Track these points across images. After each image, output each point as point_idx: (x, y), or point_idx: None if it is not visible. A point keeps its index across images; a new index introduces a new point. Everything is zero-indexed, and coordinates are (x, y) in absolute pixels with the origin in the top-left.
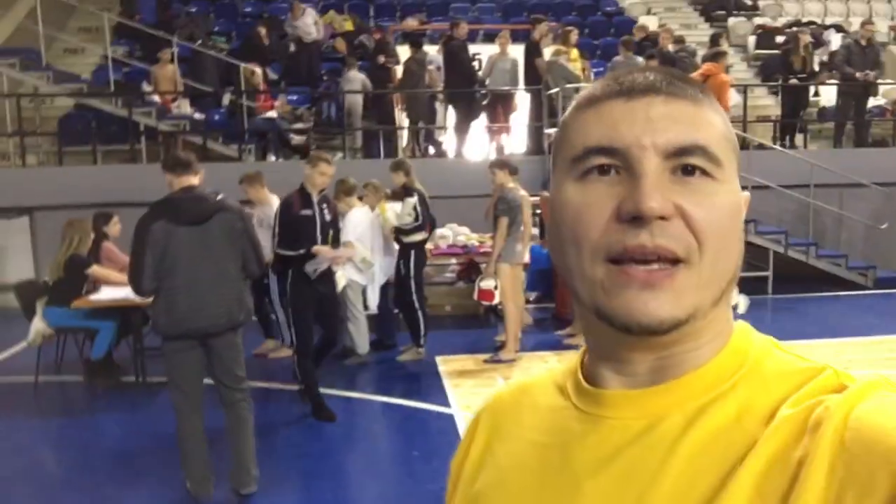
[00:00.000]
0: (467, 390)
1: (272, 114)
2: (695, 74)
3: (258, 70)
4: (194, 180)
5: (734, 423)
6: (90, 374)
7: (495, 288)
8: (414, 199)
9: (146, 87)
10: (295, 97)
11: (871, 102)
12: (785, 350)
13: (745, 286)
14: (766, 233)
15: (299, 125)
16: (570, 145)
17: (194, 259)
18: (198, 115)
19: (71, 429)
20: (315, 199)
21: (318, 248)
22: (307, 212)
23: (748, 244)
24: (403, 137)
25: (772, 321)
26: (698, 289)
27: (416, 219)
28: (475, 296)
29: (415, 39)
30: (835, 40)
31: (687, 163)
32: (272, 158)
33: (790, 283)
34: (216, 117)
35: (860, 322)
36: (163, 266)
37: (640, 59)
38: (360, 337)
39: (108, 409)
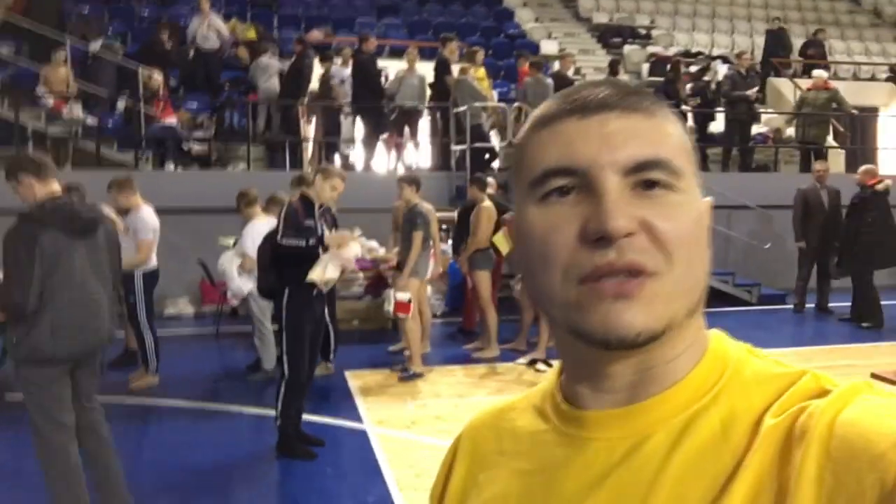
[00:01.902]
0: (379, 405)
1: (171, 121)
2: None
3: (158, 76)
4: (58, 186)
5: (720, 438)
6: None
7: (409, 301)
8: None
9: (40, 89)
10: (195, 105)
11: (755, 130)
12: (761, 356)
13: None
14: None
15: (199, 133)
16: (527, 168)
17: (85, 273)
18: (91, 120)
19: None
20: (317, 210)
21: (337, 236)
22: (309, 222)
23: None
24: (308, 150)
25: None
26: (671, 299)
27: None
28: (391, 309)
29: (323, 52)
30: (721, 70)
31: (647, 177)
32: (171, 167)
33: None
34: (110, 123)
35: (747, 336)
36: (52, 281)
37: (549, 81)
38: (267, 352)
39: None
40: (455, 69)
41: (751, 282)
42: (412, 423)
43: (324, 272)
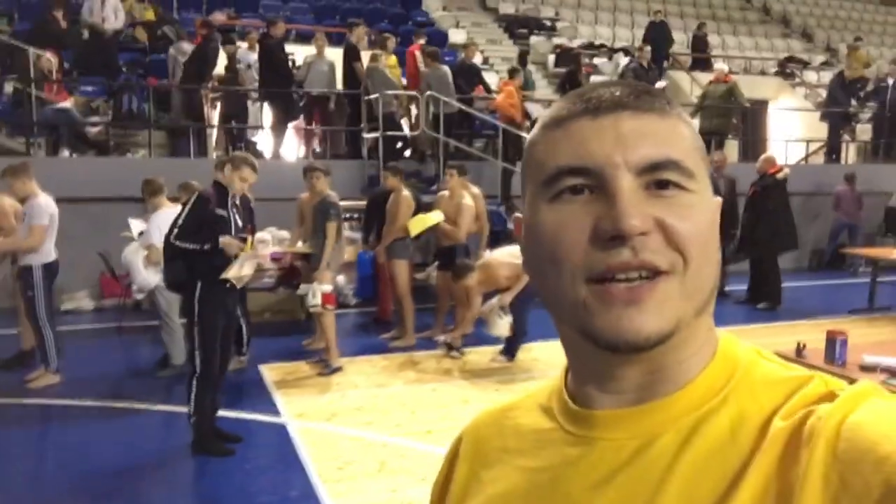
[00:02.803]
0: (297, 398)
1: (65, 104)
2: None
3: (52, 56)
4: None
5: (729, 439)
6: None
7: (332, 292)
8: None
9: None
10: (90, 88)
11: None
12: (770, 359)
13: None
14: None
15: (96, 118)
16: (539, 167)
17: None
18: None
19: None
20: (230, 200)
21: (227, 239)
22: (222, 212)
23: None
24: (213, 136)
25: None
26: (681, 299)
27: None
28: (317, 302)
29: (227, 35)
30: (623, 62)
31: (661, 178)
32: (65, 153)
33: None
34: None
35: None
36: None
37: (445, 68)
38: (176, 347)
39: None
40: (364, 56)
41: None
42: (332, 414)
43: (240, 270)
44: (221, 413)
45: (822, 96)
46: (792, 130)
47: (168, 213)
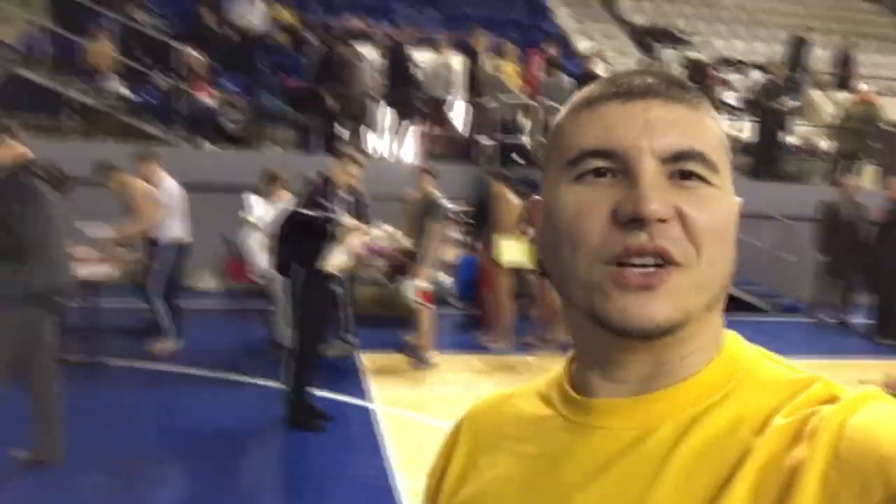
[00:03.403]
0: (388, 386)
1: (209, 100)
2: None
3: (199, 55)
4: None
5: (728, 433)
6: None
7: (430, 289)
8: (350, 199)
9: (90, 61)
10: (232, 86)
11: (789, 140)
12: (775, 360)
13: None
14: None
15: (235, 114)
16: (565, 147)
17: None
18: (131, 95)
19: None
20: (333, 191)
21: (352, 222)
22: (324, 201)
23: None
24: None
25: None
26: (693, 291)
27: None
28: (412, 297)
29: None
30: (757, 78)
31: (684, 168)
32: (206, 145)
33: None
34: (150, 98)
35: (764, 345)
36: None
37: (565, 77)
38: (286, 329)
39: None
40: (486, 63)
41: (771, 292)
42: (418, 404)
43: (336, 259)
44: (318, 393)
45: None
46: None
47: (287, 204)
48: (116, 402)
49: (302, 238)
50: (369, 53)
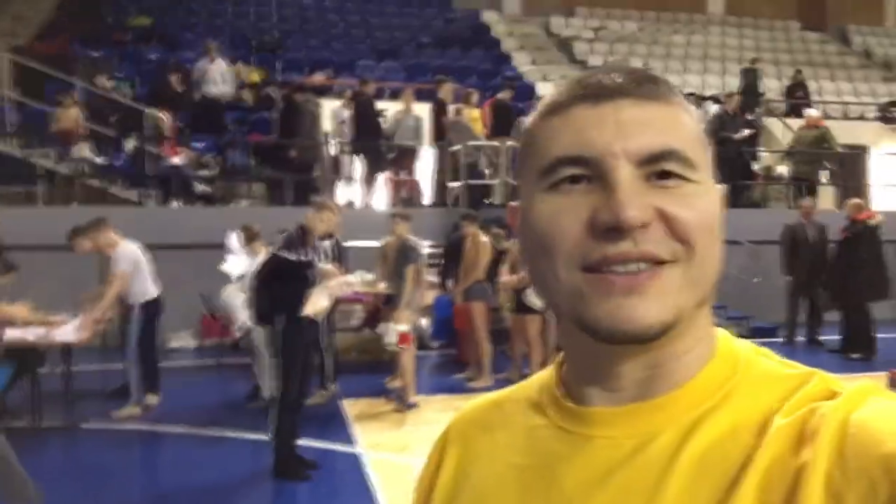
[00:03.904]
0: (373, 430)
1: (177, 160)
2: None
3: (166, 117)
4: None
5: (729, 436)
6: None
7: (409, 332)
8: (328, 243)
9: (54, 128)
10: (200, 145)
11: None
12: (768, 356)
13: None
14: None
15: (205, 172)
16: (537, 155)
17: None
18: (99, 159)
19: None
20: (310, 239)
21: (326, 268)
22: (303, 249)
23: None
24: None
25: None
26: (683, 289)
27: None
28: (393, 341)
29: (323, 94)
30: (712, 110)
31: (662, 168)
32: (174, 205)
33: None
34: (118, 162)
35: None
36: None
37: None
38: (266, 381)
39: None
40: (451, 110)
41: (741, 315)
42: (404, 447)
43: (315, 304)
44: (302, 442)
45: None
46: (894, 176)
47: (260, 258)
48: (97, 462)
49: (280, 285)
50: (334, 106)
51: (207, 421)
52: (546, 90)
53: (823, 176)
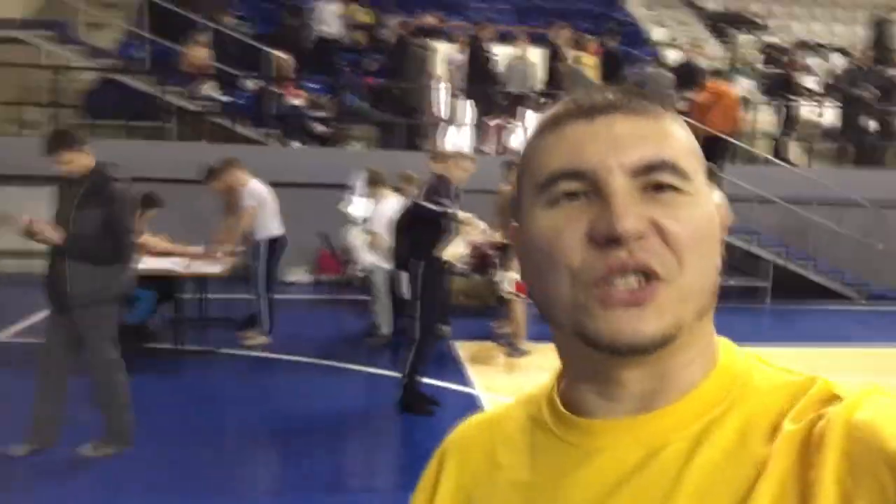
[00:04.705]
0: (487, 374)
1: (297, 101)
2: (704, 91)
3: (287, 57)
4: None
5: (738, 445)
6: (126, 340)
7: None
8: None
9: (183, 66)
10: (316, 86)
11: (874, 125)
12: (769, 364)
13: (743, 294)
14: (767, 244)
15: (321, 113)
16: (534, 171)
17: None
18: (223, 98)
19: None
20: (452, 190)
21: (466, 216)
22: (445, 200)
23: (748, 255)
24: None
25: (768, 327)
26: (680, 302)
27: None
28: (508, 288)
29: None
30: (839, 63)
31: (655, 180)
32: (294, 145)
33: (787, 294)
34: (240, 101)
35: (851, 334)
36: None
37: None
38: (384, 319)
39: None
40: (568, 56)
41: (860, 280)
42: (519, 391)
43: (455, 250)
44: (423, 380)
45: None
46: None
47: (391, 203)
48: (230, 386)
49: (421, 233)
50: (447, 49)
51: (328, 353)
52: (661, 36)
53: None
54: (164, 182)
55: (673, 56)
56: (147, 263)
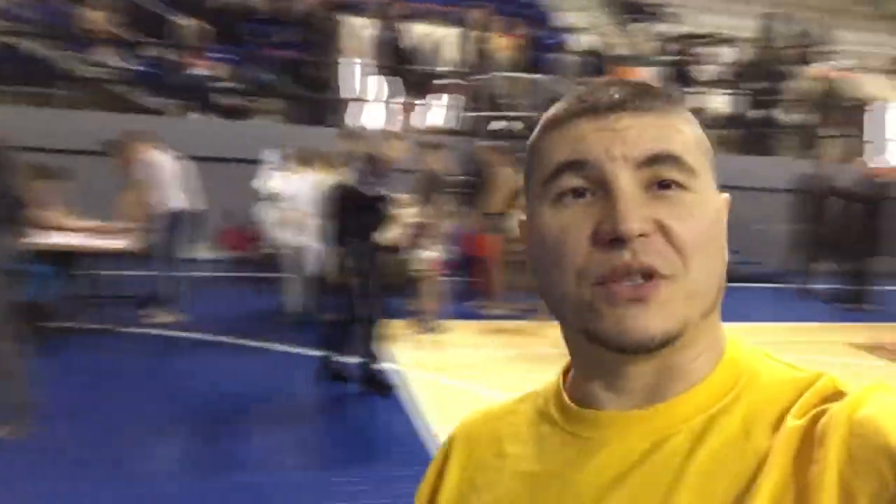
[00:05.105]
0: (408, 351)
1: (202, 71)
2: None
3: (195, 25)
4: None
5: (742, 438)
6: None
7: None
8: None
9: (78, 28)
10: (223, 56)
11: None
12: (775, 359)
13: None
14: None
15: (224, 85)
16: (540, 167)
17: None
18: (122, 65)
19: None
20: (387, 170)
21: (406, 198)
22: (383, 180)
23: None
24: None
25: None
26: (686, 302)
27: None
28: (422, 266)
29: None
30: (728, 54)
31: (661, 175)
32: (194, 116)
33: None
34: (140, 68)
35: (742, 313)
36: None
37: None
38: (294, 298)
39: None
40: (479, 37)
41: (754, 260)
42: (442, 368)
43: (390, 234)
44: (347, 359)
45: None
46: None
47: (315, 180)
48: (131, 365)
49: (359, 214)
50: (360, 24)
51: (238, 331)
52: (563, 21)
53: (832, 128)
54: (56, 153)
55: (581, 42)
56: (43, 238)
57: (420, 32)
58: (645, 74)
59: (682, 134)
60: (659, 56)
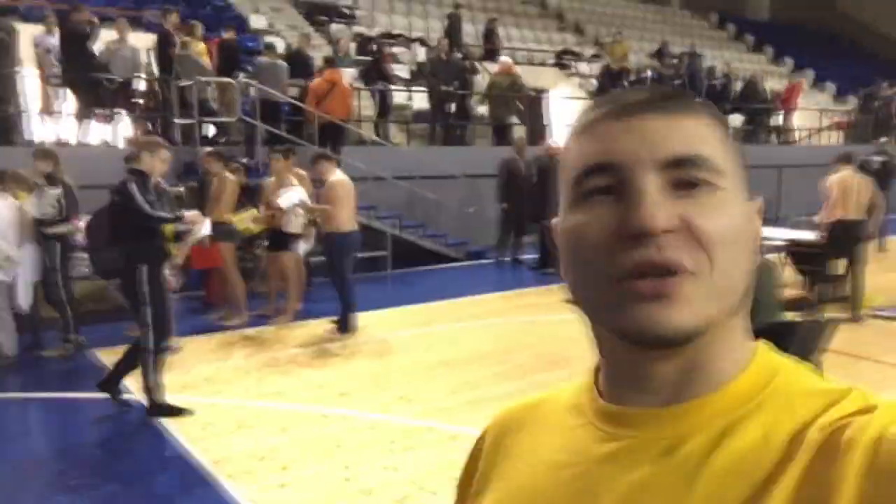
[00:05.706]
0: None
1: None
2: (321, 79)
3: None
4: None
5: (761, 444)
6: None
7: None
8: (57, 191)
9: None
10: None
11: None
12: (807, 370)
13: (367, 265)
14: (383, 217)
15: None
16: (569, 170)
17: None
18: None
19: None
20: (156, 185)
21: (192, 214)
22: (150, 197)
23: (369, 228)
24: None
25: (392, 292)
26: (709, 299)
27: (60, 211)
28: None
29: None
30: (420, 53)
31: (687, 175)
32: None
33: (404, 261)
34: None
35: (460, 286)
36: None
37: (284, 64)
38: (7, 336)
39: None
40: (176, 42)
41: (460, 241)
42: (183, 387)
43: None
44: (82, 395)
45: (595, 85)
46: (569, 117)
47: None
48: None
49: (132, 237)
50: (35, 32)
51: None
52: (260, 23)
53: (515, 116)
54: None
55: (280, 45)
56: None
57: (107, 38)
58: (347, 74)
59: (711, 135)
60: (357, 56)
